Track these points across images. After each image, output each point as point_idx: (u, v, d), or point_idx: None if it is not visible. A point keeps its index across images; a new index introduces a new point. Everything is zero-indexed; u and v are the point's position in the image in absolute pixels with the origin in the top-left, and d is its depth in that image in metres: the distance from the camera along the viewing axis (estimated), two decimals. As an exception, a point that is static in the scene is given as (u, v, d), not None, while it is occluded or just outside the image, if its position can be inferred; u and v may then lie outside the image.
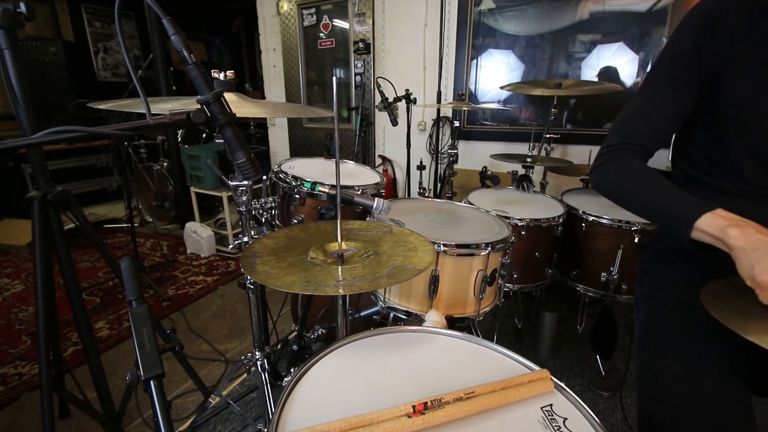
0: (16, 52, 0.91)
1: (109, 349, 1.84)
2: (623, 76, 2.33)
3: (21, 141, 0.52)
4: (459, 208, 1.38)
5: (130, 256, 1.68)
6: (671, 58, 0.80)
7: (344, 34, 3.20)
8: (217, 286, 2.45)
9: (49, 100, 3.53)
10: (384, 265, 0.70)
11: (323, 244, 0.79)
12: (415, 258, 0.73)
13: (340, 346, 0.66)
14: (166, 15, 0.59)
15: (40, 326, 1.00)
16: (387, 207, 0.88)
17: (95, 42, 4.43)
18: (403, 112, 2.60)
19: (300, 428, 0.47)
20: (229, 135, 0.66)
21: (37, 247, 0.99)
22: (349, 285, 0.62)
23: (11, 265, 2.74)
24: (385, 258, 0.74)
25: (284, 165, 1.43)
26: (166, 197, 3.36)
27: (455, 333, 0.71)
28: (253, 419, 1.42)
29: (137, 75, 0.66)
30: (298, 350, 1.38)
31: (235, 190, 0.97)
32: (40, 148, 1.05)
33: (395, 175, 3.27)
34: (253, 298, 1.13)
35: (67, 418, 1.45)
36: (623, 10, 2.24)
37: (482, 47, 2.69)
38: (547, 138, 2.19)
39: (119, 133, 0.60)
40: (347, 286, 0.62)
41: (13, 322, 2.06)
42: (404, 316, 1.10)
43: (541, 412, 0.54)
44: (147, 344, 0.57)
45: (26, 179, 3.44)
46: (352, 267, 0.70)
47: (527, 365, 0.64)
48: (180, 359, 1.35)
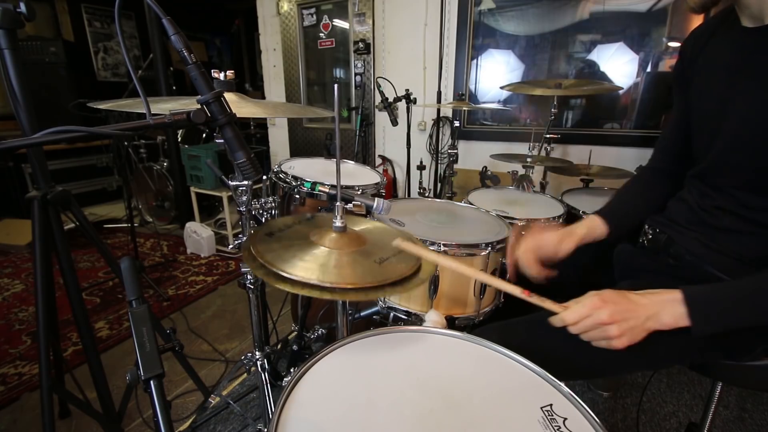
0: (16, 52, 0.91)
1: (109, 349, 1.84)
2: (621, 75, 2.33)
3: (21, 141, 0.52)
4: (459, 208, 1.38)
5: (130, 256, 1.68)
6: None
7: (344, 34, 3.20)
8: (217, 286, 2.45)
9: (49, 100, 3.53)
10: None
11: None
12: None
13: (340, 346, 0.66)
14: (166, 15, 0.58)
15: (40, 326, 1.00)
16: (387, 207, 0.88)
17: (95, 42, 4.43)
18: (403, 112, 2.60)
19: (300, 428, 0.47)
20: (229, 135, 0.66)
21: (37, 247, 0.99)
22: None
23: (11, 265, 2.74)
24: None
25: (284, 165, 1.43)
26: (166, 197, 3.36)
27: (455, 333, 0.71)
28: (253, 419, 1.42)
29: (137, 75, 0.66)
30: (298, 350, 1.38)
31: (235, 190, 0.97)
32: (40, 148, 1.05)
33: (395, 175, 3.27)
34: (253, 298, 1.13)
35: (67, 418, 1.45)
36: (623, 10, 2.24)
37: (482, 47, 2.69)
38: (547, 138, 2.19)
39: (119, 133, 0.59)
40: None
41: (13, 322, 2.06)
42: (404, 316, 1.10)
43: (541, 412, 0.55)
44: (147, 344, 0.57)
45: (26, 179, 3.44)
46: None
47: (527, 365, 0.64)
48: (180, 359, 1.35)
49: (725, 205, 0.78)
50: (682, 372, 1.69)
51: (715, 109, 0.78)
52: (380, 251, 0.70)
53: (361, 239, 0.72)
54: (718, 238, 0.78)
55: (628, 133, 2.38)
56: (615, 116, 2.42)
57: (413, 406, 0.54)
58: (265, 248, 0.65)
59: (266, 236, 0.70)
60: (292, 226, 0.76)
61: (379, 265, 0.65)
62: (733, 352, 0.77)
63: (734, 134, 0.74)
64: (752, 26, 0.73)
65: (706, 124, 0.81)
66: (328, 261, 0.64)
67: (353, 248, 0.69)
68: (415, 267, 0.68)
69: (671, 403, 1.53)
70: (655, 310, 0.67)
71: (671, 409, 1.51)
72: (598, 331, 0.67)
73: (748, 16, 0.73)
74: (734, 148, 0.75)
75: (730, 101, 0.75)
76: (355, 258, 0.66)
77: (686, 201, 0.87)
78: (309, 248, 0.67)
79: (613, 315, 0.65)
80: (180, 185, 3.15)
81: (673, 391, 1.60)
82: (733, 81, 0.75)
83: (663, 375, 1.67)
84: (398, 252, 0.70)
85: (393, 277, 0.63)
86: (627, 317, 0.66)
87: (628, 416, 1.46)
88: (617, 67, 2.33)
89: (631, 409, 1.50)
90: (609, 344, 0.67)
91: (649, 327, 0.67)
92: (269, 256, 0.62)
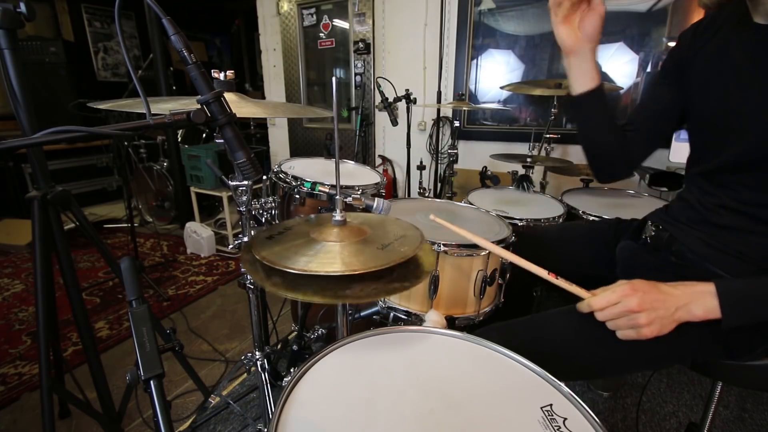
0: (16, 52, 0.91)
1: (109, 349, 1.84)
2: (621, 75, 2.33)
3: (21, 141, 0.52)
4: (459, 208, 1.38)
5: (130, 256, 1.68)
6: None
7: (344, 34, 3.20)
8: (217, 286, 2.45)
9: (49, 100, 3.53)
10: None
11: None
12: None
13: (340, 346, 0.66)
14: (166, 15, 0.58)
15: (40, 326, 1.00)
16: (387, 207, 0.88)
17: (95, 42, 4.43)
18: (403, 112, 2.60)
19: (300, 428, 0.47)
20: (229, 135, 0.66)
21: (37, 247, 0.99)
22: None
23: (11, 265, 2.74)
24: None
25: (284, 165, 1.43)
26: (166, 197, 3.36)
27: (455, 333, 0.71)
28: (253, 419, 1.42)
29: (137, 75, 0.66)
30: (298, 350, 1.38)
31: (235, 190, 0.97)
32: (40, 148, 1.05)
33: (395, 175, 3.27)
34: (253, 298, 1.13)
35: (67, 418, 1.45)
36: (623, 10, 2.24)
37: (482, 47, 2.69)
38: (547, 138, 2.19)
39: (119, 133, 0.60)
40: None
41: (13, 322, 2.06)
42: (404, 316, 1.10)
43: (541, 412, 0.54)
44: (147, 344, 0.57)
45: (26, 179, 3.44)
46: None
47: (526, 365, 0.64)
48: (180, 359, 1.35)
49: (729, 204, 0.77)
50: (682, 372, 1.69)
51: (724, 108, 0.77)
52: (381, 239, 0.69)
53: (362, 230, 0.72)
54: (721, 237, 0.78)
55: (628, 133, 2.38)
56: (615, 116, 2.42)
57: (413, 406, 0.54)
58: (269, 251, 0.65)
59: (267, 239, 0.70)
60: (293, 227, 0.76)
61: (382, 250, 0.65)
62: (734, 352, 0.77)
63: (756, 134, 0.72)
64: (767, 23, 0.71)
65: (715, 123, 0.80)
66: (332, 253, 0.64)
67: (355, 239, 0.68)
68: (416, 249, 0.67)
69: (671, 403, 1.53)
70: (687, 301, 0.67)
71: (671, 409, 1.51)
72: (626, 319, 0.66)
73: (763, 14, 0.71)
74: (756, 148, 0.73)
75: (745, 101, 0.73)
76: (358, 248, 0.66)
77: (687, 200, 0.87)
78: (312, 245, 0.67)
79: (643, 303, 0.65)
80: (180, 185, 3.15)
81: (673, 391, 1.60)
82: (746, 80, 0.73)
83: (663, 375, 1.67)
84: (400, 236, 0.70)
85: (397, 259, 0.62)
86: (656, 306, 0.65)
87: (628, 416, 1.47)
88: (617, 67, 2.33)
89: (631, 409, 1.50)
90: (638, 333, 0.66)
91: (679, 318, 0.66)
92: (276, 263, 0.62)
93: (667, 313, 0.66)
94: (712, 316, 0.66)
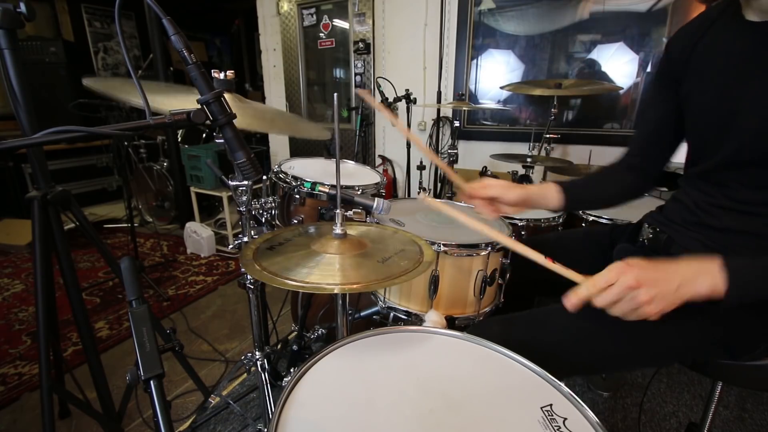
0: (16, 52, 0.91)
1: (109, 349, 1.84)
2: (621, 75, 2.33)
3: (21, 141, 0.52)
4: (459, 207, 1.38)
5: (130, 256, 1.68)
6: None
7: (344, 34, 3.20)
8: (217, 286, 2.45)
9: (49, 100, 3.53)
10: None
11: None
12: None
13: (340, 346, 0.66)
14: (166, 15, 0.58)
15: (40, 326, 1.00)
16: (387, 207, 0.88)
17: (95, 42, 4.43)
18: (403, 112, 2.60)
19: (300, 428, 0.47)
20: (229, 135, 0.66)
21: (37, 247, 0.99)
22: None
23: (11, 265, 2.74)
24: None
25: (284, 165, 1.43)
26: (166, 197, 3.36)
27: (455, 333, 0.71)
28: (253, 419, 1.42)
29: (137, 75, 0.66)
30: (298, 350, 1.38)
31: (235, 190, 0.97)
32: (40, 148, 1.05)
33: (395, 175, 3.27)
34: (253, 298, 1.13)
35: (67, 418, 1.45)
36: (623, 10, 2.24)
37: (482, 47, 2.69)
38: (547, 138, 2.19)
39: (119, 133, 0.60)
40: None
41: (13, 322, 2.06)
42: (404, 316, 1.10)
43: (541, 412, 0.54)
44: (147, 344, 0.57)
45: (26, 179, 3.44)
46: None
47: (526, 365, 0.64)
48: (180, 359, 1.35)
49: (726, 204, 0.77)
50: (682, 372, 1.69)
51: (720, 106, 0.77)
52: (381, 252, 0.71)
53: (362, 243, 0.74)
54: (718, 238, 0.78)
55: (628, 133, 2.38)
56: (615, 116, 2.42)
57: (413, 406, 0.54)
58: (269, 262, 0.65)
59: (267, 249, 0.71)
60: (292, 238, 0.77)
61: (382, 264, 0.67)
62: (734, 352, 0.76)
63: (754, 131, 0.71)
64: (760, 20, 0.71)
65: (711, 122, 0.79)
66: (332, 265, 0.66)
67: (355, 252, 0.70)
68: (417, 263, 0.68)
69: (671, 403, 1.53)
70: (691, 275, 0.63)
71: (671, 409, 1.51)
72: (626, 300, 0.62)
73: (757, 10, 0.71)
74: (753, 145, 0.72)
75: (741, 98, 0.73)
76: (358, 260, 0.68)
77: (682, 201, 0.87)
78: (312, 257, 0.69)
79: (640, 278, 0.61)
80: (180, 185, 3.15)
81: (673, 391, 1.59)
82: (741, 77, 0.73)
83: (663, 375, 1.67)
84: (399, 250, 0.71)
85: (398, 273, 0.65)
86: (656, 280, 0.62)
87: (628, 416, 1.46)
88: (617, 67, 2.34)
89: (631, 409, 1.50)
90: (643, 312, 0.62)
91: (682, 294, 0.62)
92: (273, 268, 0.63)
93: (669, 287, 0.62)
94: (716, 293, 0.62)
